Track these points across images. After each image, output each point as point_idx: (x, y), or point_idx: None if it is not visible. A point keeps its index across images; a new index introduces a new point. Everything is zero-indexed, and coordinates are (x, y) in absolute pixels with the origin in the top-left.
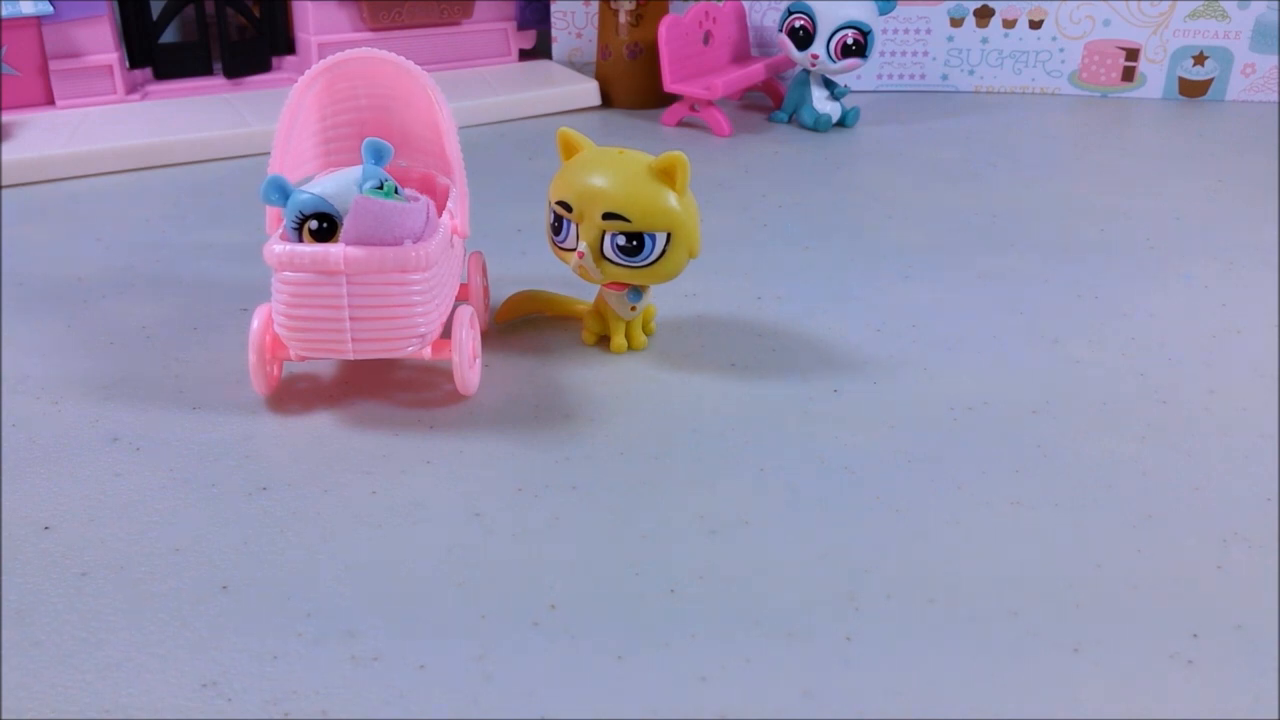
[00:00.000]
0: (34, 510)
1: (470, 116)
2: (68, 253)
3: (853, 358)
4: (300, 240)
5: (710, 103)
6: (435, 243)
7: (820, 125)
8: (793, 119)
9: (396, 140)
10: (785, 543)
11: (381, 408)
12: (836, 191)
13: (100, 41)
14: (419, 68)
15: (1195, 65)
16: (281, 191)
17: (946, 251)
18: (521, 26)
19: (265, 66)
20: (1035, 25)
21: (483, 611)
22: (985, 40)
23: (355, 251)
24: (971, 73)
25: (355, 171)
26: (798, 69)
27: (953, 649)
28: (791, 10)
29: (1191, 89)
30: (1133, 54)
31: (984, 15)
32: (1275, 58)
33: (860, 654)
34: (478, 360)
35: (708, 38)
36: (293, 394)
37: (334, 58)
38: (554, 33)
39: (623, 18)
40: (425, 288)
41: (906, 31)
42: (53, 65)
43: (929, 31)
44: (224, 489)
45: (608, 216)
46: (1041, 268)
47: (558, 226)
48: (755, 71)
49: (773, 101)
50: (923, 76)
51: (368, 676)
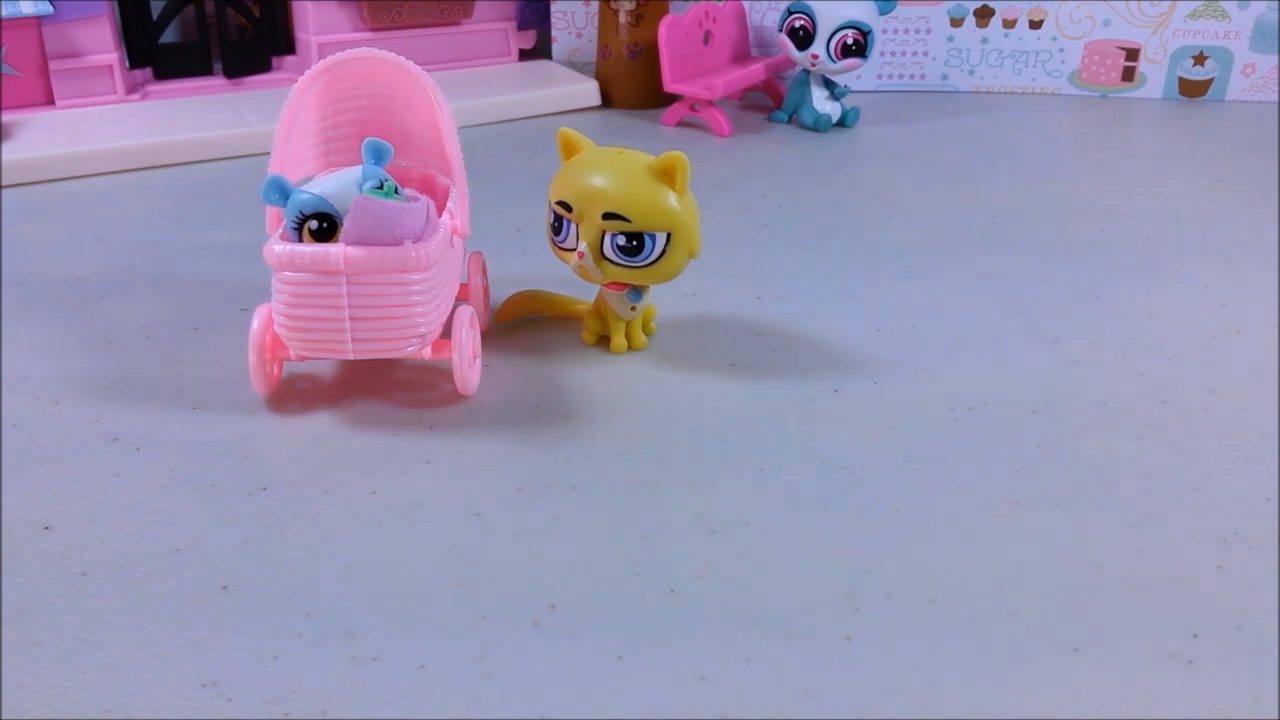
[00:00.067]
0: (34, 510)
1: (470, 116)
2: (68, 253)
3: (853, 358)
4: (300, 240)
5: (710, 103)
6: (435, 243)
7: (820, 125)
8: (793, 119)
9: (396, 140)
10: (785, 543)
11: (381, 408)
12: (836, 191)
13: (100, 41)
14: (419, 68)
15: (1195, 65)
16: (281, 191)
17: (946, 251)
18: (521, 26)
19: (265, 66)
20: (1035, 25)
21: (483, 611)
22: (985, 40)
23: (355, 251)
24: (971, 73)
25: (355, 171)
26: (798, 69)
27: (953, 649)
28: (791, 10)
29: (1191, 89)
30: (1133, 54)
31: (984, 15)
32: (1275, 58)
33: (860, 654)
34: (478, 360)
35: (708, 38)
36: (293, 394)
37: (334, 58)
38: (554, 33)
39: (623, 18)
40: (425, 288)
41: (906, 31)
42: (53, 65)
43: (929, 31)
44: (224, 489)
45: (608, 216)
46: (1041, 268)
47: (558, 226)
48: (755, 71)
49: (773, 101)
50: (923, 76)
51: (368, 676)
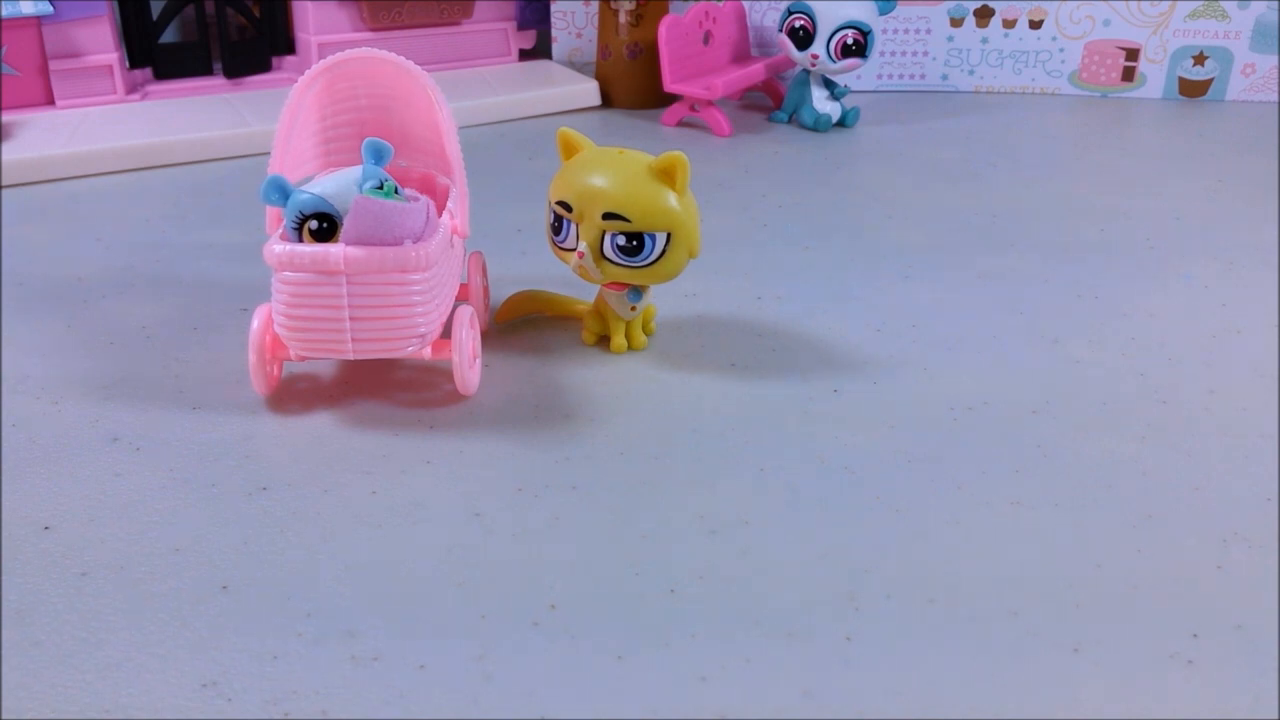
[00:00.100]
0: (34, 510)
1: (470, 116)
2: (68, 253)
3: (853, 358)
4: (300, 240)
5: (710, 103)
6: (435, 243)
7: (820, 125)
8: (793, 119)
9: (396, 140)
10: (785, 543)
11: (381, 408)
12: (836, 191)
13: (100, 41)
14: (419, 68)
15: (1195, 65)
16: (281, 191)
17: (946, 251)
18: (521, 26)
19: (265, 66)
20: (1035, 25)
21: (483, 611)
22: (985, 40)
23: (355, 251)
24: (971, 73)
25: (355, 171)
26: (798, 69)
27: (953, 649)
28: (791, 10)
29: (1191, 89)
30: (1133, 54)
31: (984, 15)
32: (1275, 58)
33: (860, 654)
34: (478, 360)
35: (708, 38)
36: (293, 394)
37: (334, 58)
38: (554, 33)
39: (623, 18)
40: (425, 288)
41: (906, 31)
42: (53, 65)
43: (929, 31)
44: (224, 489)
45: (608, 216)
46: (1041, 268)
47: (558, 226)
48: (755, 71)
49: (773, 101)
50: (923, 76)
51: (368, 676)
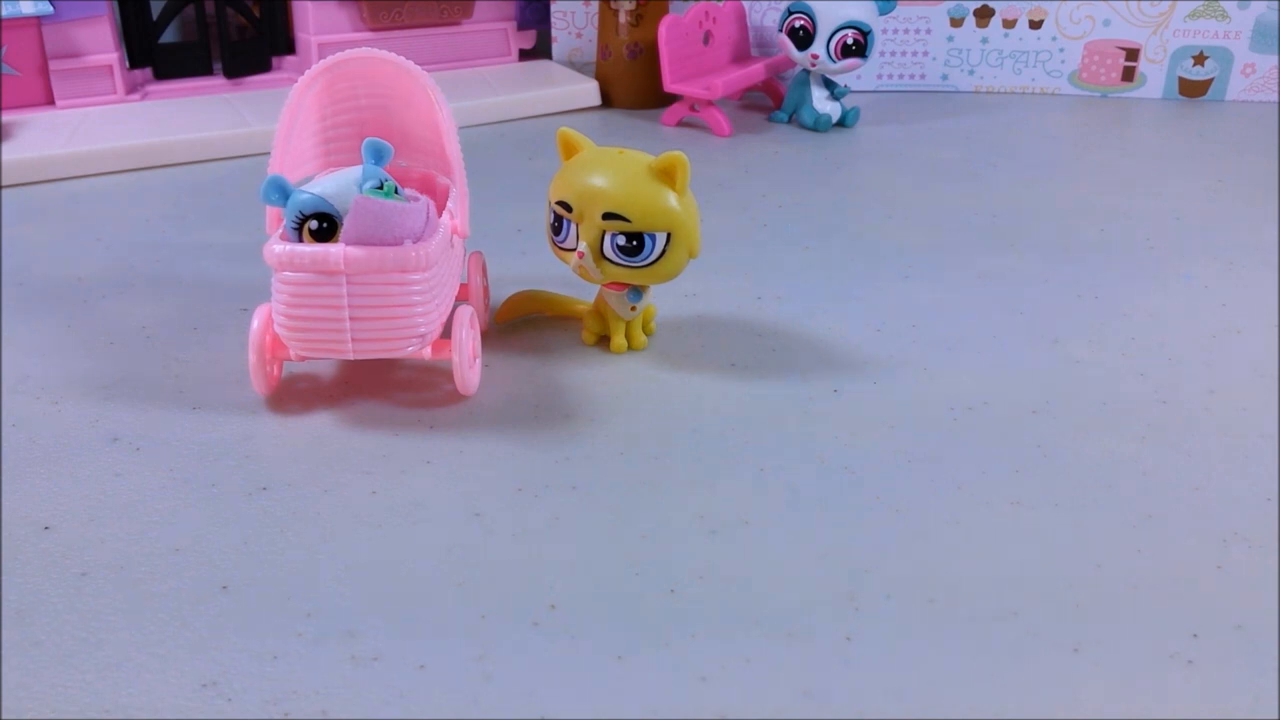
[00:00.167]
0: (34, 510)
1: (470, 116)
2: (68, 253)
3: (853, 358)
4: (300, 240)
5: (710, 103)
6: (435, 243)
7: (820, 125)
8: (793, 119)
9: (396, 140)
10: (785, 543)
11: (381, 408)
12: (836, 191)
13: (100, 41)
14: (419, 68)
15: (1195, 65)
16: (281, 191)
17: (946, 251)
18: (521, 26)
19: (265, 66)
20: (1035, 25)
21: (483, 611)
22: (985, 40)
23: (355, 251)
24: (971, 73)
25: (355, 171)
26: (798, 69)
27: (953, 649)
28: (791, 10)
29: (1191, 89)
30: (1133, 54)
31: (984, 15)
32: (1275, 58)
33: (860, 654)
34: (478, 360)
35: (708, 38)
36: (293, 394)
37: (334, 58)
38: (554, 33)
39: (623, 18)
40: (425, 288)
41: (906, 31)
42: (53, 65)
43: (929, 31)
44: (224, 489)
45: (608, 216)
46: (1041, 268)
47: (558, 226)
48: (755, 71)
49: (773, 101)
50: (923, 76)
51: (368, 676)
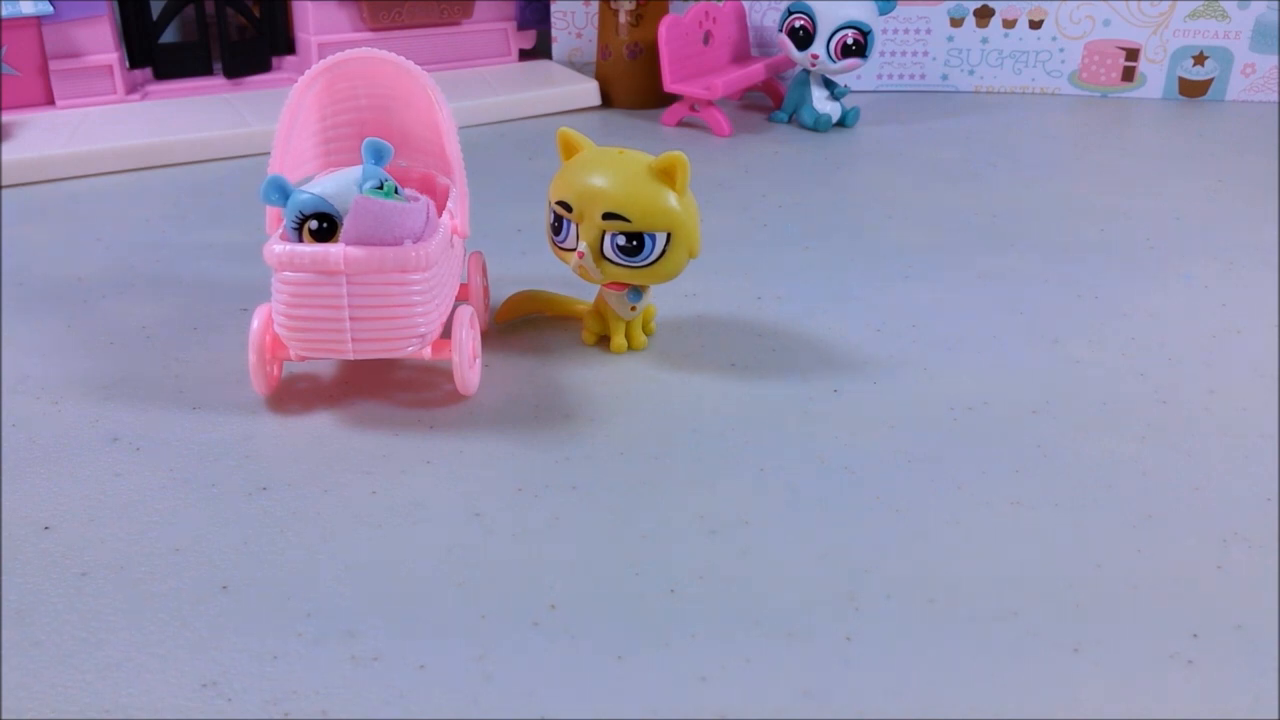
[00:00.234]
0: (34, 510)
1: (470, 116)
2: (68, 253)
3: (853, 358)
4: (300, 240)
5: (710, 103)
6: (435, 243)
7: (820, 125)
8: (793, 119)
9: (396, 140)
10: (785, 543)
11: (381, 408)
12: (836, 191)
13: (100, 41)
14: (419, 68)
15: (1195, 65)
16: (281, 191)
17: (946, 251)
18: (521, 26)
19: (265, 66)
20: (1035, 25)
21: (483, 611)
22: (985, 40)
23: (355, 251)
24: (971, 73)
25: (355, 171)
26: (798, 69)
27: (953, 649)
28: (791, 10)
29: (1191, 89)
30: (1133, 54)
31: (984, 15)
32: (1275, 58)
33: (860, 654)
34: (478, 360)
35: (708, 38)
36: (293, 394)
37: (334, 58)
38: (554, 33)
39: (623, 18)
40: (425, 288)
41: (906, 31)
42: (53, 65)
43: (929, 31)
44: (224, 489)
45: (608, 216)
46: (1041, 268)
47: (558, 226)
48: (755, 71)
49: (773, 101)
50: (923, 76)
51: (368, 676)
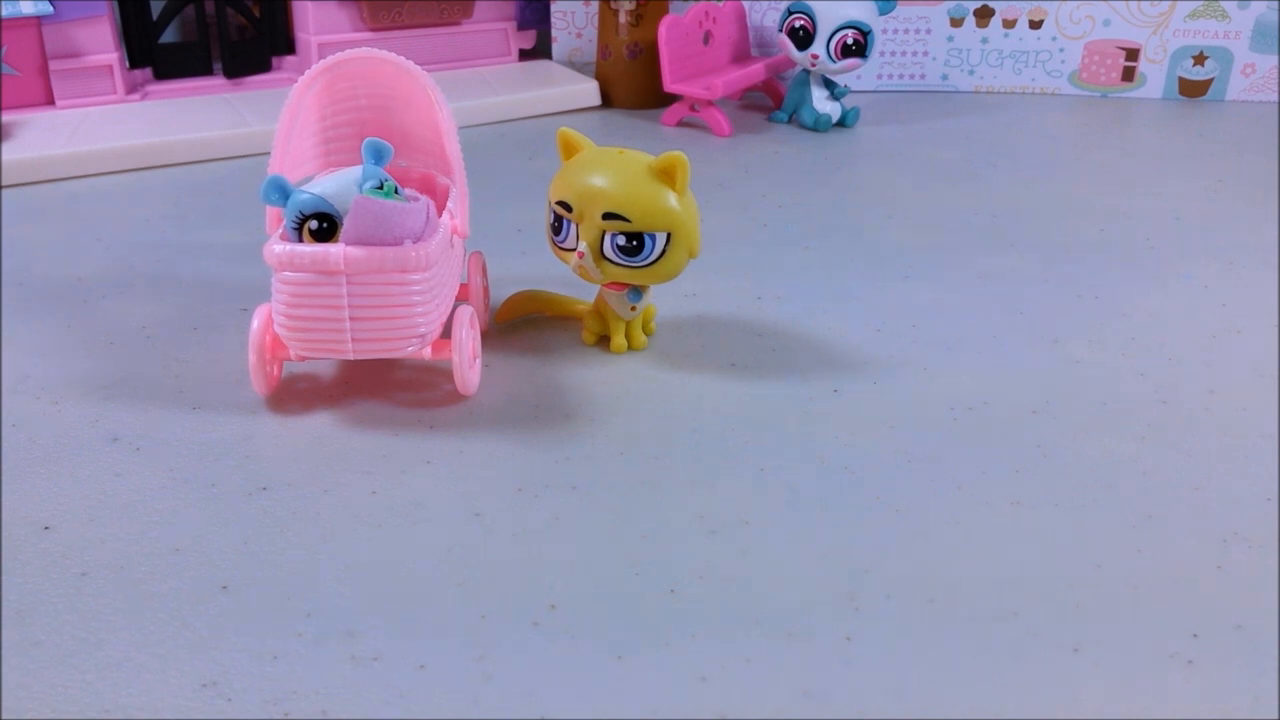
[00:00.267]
0: (34, 510)
1: (470, 116)
2: (68, 253)
3: (853, 358)
4: (300, 240)
5: (710, 103)
6: (435, 243)
7: (820, 125)
8: (793, 119)
9: (396, 140)
10: (785, 543)
11: (381, 408)
12: (836, 191)
13: (100, 41)
14: (419, 68)
15: (1195, 65)
16: (281, 191)
17: (946, 251)
18: (521, 26)
19: (265, 66)
20: (1035, 25)
21: (483, 611)
22: (985, 40)
23: (355, 251)
24: (971, 73)
25: (355, 171)
26: (798, 69)
27: (953, 649)
28: (791, 10)
29: (1191, 89)
30: (1133, 54)
31: (984, 15)
32: (1275, 58)
33: (860, 654)
34: (478, 360)
35: (708, 38)
36: (293, 394)
37: (334, 58)
38: (554, 33)
39: (623, 18)
40: (425, 288)
41: (906, 31)
42: (53, 65)
43: (929, 31)
44: (224, 489)
45: (608, 216)
46: (1041, 268)
47: (558, 226)
48: (755, 71)
49: (773, 101)
50: (923, 76)
51: (368, 676)
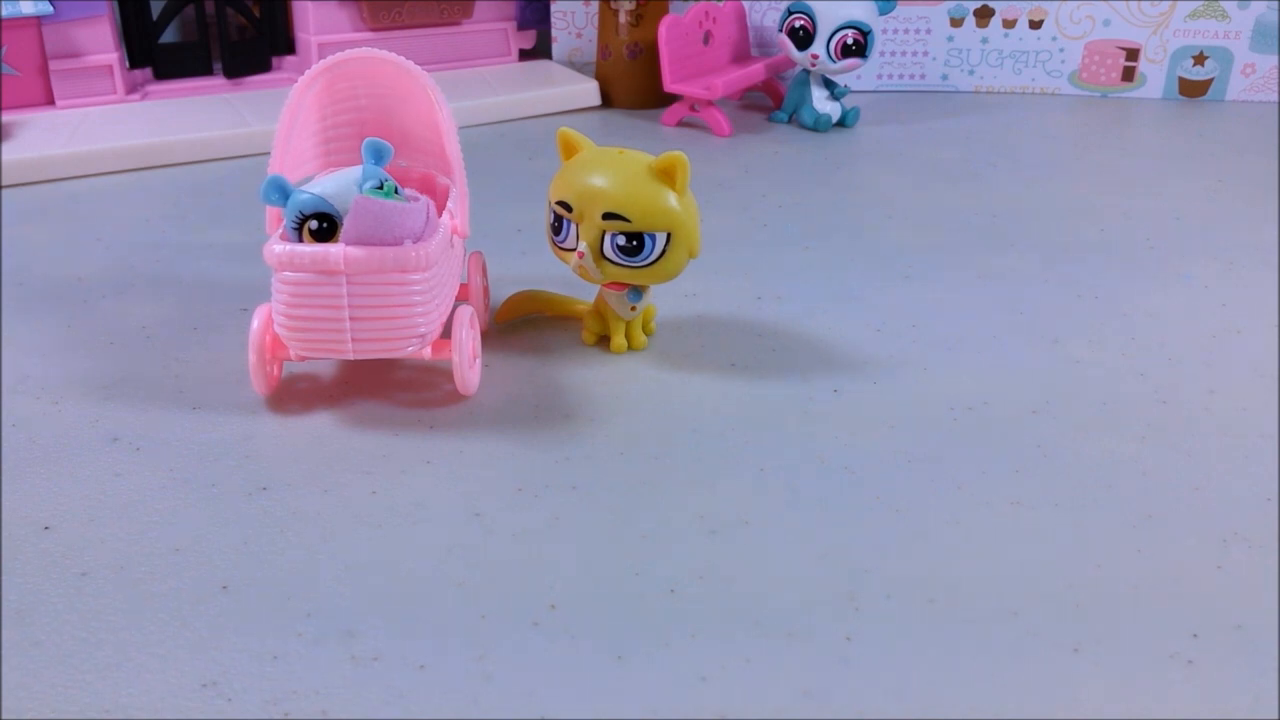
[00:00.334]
0: (34, 510)
1: (470, 116)
2: (68, 253)
3: (853, 358)
4: (300, 240)
5: (710, 103)
6: (435, 243)
7: (820, 125)
8: (793, 119)
9: (396, 140)
10: (785, 543)
11: (381, 408)
12: (836, 191)
13: (100, 41)
14: (419, 68)
15: (1195, 65)
16: (281, 191)
17: (946, 251)
18: (521, 26)
19: (265, 66)
20: (1035, 25)
21: (483, 611)
22: (985, 40)
23: (355, 251)
24: (971, 73)
25: (355, 171)
26: (798, 69)
27: (953, 649)
28: (791, 10)
29: (1191, 89)
30: (1133, 54)
31: (984, 15)
32: (1275, 58)
33: (860, 654)
34: (478, 360)
35: (708, 38)
36: (293, 394)
37: (334, 58)
38: (554, 33)
39: (623, 18)
40: (425, 288)
41: (906, 31)
42: (53, 65)
43: (929, 31)
44: (224, 489)
45: (608, 216)
46: (1041, 268)
47: (558, 226)
48: (755, 71)
49: (773, 101)
50: (923, 76)
51: (368, 676)
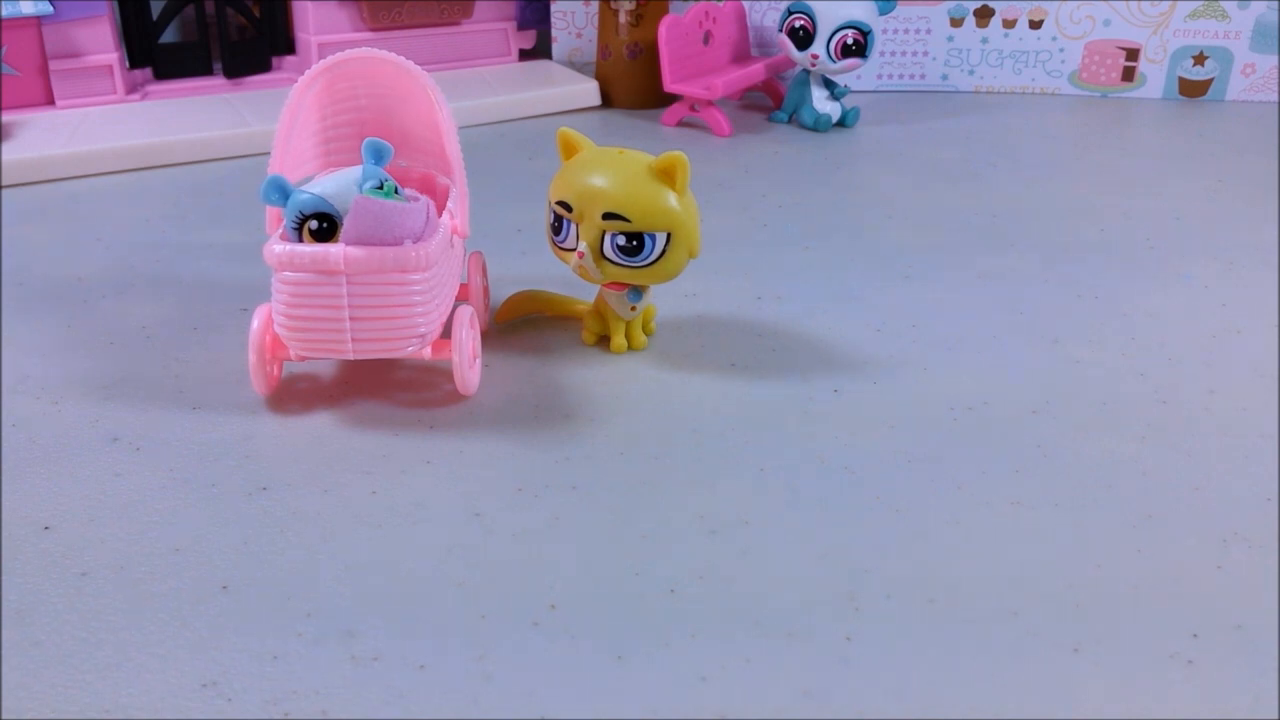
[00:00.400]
0: (34, 510)
1: (470, 116)
2: (68, 253)
3: (853, 358)
4: (300, 240)
5: (710, 103)
6: (435, 243)
7: (820, 125)
8: (793, 119)
9: (396, 140)
10: (785, 543)
11: (381, 408)
12: (836, 191)
13: (100, 41)
14: (419, 68)
15: (1195, 65)
16: (281, 191)
17: (946, 251)
18: (521, 26)
19: (265, 66)
20: (1035, 25)
21: (483, 611)
22: (985, 40)
23: (355, 251)
24: (971, 73)
25: (355, 171)
26: (798, 69)
27: (953, 649)
28: (791, 10)
29: (1191, 89)
30: (1133, 54)
31: (984, 15)
32: (1275, 58)
33: (860, 654)
34: (478, 360)
35: (708, 38)
36: (293, 394)
37: (334, 58)
38: (554, 33)
39: (623, 18)
40: (425, 288)
41: (906, 31)
42: (53, 65)
43: (929, 31)
44: (224, 489)
45: (608, 216)
46: (1041, 268)
47: (558, 226)
48: (755, 71)
49: (773, 101)
50: (923, 76)
51: (368, 676)
